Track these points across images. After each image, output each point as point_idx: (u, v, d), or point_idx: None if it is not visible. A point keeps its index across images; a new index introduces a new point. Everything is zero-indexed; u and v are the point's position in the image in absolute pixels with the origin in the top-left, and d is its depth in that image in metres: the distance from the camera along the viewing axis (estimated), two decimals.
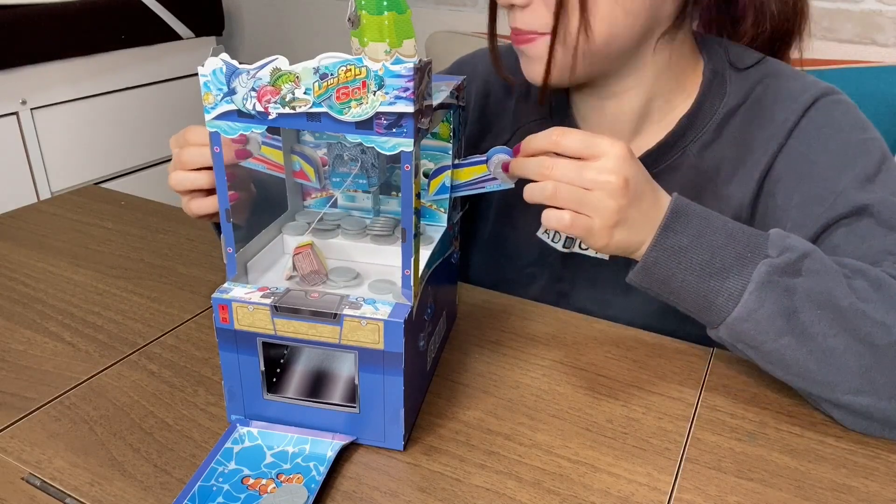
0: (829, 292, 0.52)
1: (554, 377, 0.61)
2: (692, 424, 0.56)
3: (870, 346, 0.51)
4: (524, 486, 0.49)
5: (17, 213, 0.92)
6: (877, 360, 0.51)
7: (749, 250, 0.53)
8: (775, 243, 0.54)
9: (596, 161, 0.53)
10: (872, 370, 0.51)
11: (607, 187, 0.53)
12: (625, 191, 0.53)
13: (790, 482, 0.50)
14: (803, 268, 0.52)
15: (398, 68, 0.42)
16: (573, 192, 0.53)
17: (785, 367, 0.54)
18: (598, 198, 0.53)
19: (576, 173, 0.53)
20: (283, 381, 0.53)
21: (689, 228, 0.54)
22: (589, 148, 0.54)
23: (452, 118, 0.58)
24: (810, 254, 0.53)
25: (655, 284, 0.56)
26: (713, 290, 0.54)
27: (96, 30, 1.69)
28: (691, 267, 0.54)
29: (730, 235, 0.54)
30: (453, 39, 1.64)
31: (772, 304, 0.52)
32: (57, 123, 1.68)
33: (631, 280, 0.57)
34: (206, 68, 0.44)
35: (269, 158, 0.61)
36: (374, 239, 0.58)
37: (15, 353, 0.62)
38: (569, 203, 0.54)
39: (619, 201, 0.53)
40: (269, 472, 0.49)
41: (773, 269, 0.52)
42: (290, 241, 0.59)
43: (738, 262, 0.53)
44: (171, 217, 0.92)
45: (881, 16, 1.34)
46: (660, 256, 0.55)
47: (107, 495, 0.47)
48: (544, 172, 0.54)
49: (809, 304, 0.52)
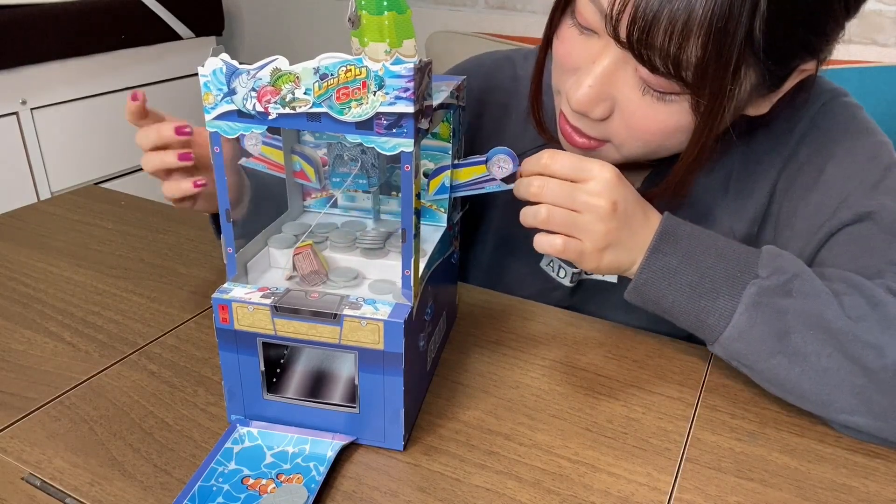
0: (820, 314, 0.52)
1: (554, 377, 0.61)
2: (692, 424, 0.56)
3: (863, 368, 0.51)
4: (524, 486, 0.49)
5: (17, 213, 0.92)
6: (870, 381, 0.51)
7: (739, 270, 0.54)
8: (766, 263, 0.54)
9: (585, 184, 0.54)
10: (867, 391, 0.51)
11: (597, 210, 0.54)
12: (613, 214, 0.54)
13: (790, 482, 0.50)
14: (794, 289, 0.52)
15: (398, 68, 0.42)
16: (565, 216, 0.55)
17: (780, 385, 0.54)
18: (588, 220, 0.54)
19: (567, 195, 0.54)
20: (283, 382, 0.53)
21: (679, 249, 0.55)
22: (578, 171, 0.55)
23: (452, 118, 0.58)
24: (801, 274, 0.53)
25: (649, 304, 0.57)
26: (704, 309, 0.54)
27: (96, 30, 1.69)
28: (681, 288, 0.55)
29: (720, 255, 0.54)
30: (453, 39, 1.64)
31: (763, 324, 0.52)
32: (57, 123, 1.68)
33: (626, 298, 0.58)
34: (206, 68, 0.44)
35: (269, 158, 0.61)
36: (364, 252, 0.57)
37: (15, 353, 0.62)
38: (561, 227, 0.55)
39: (608, 224, 0.54)
40: (269, 472, 0.49)
41: (762, 291, 0.53)
42: (276, 255, 0.57)
43: (729, 283, 0.54)
44: (171, 217, 0.92)
45: (881, 16, 1.34)
46: (650, 278, 0.56)
47: (107, 495, 0.47)
48: (535, 192, 0.55)
49: (801, 324, 0.52)
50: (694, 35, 0.49)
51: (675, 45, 0.50)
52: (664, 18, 0.49)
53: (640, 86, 0.55)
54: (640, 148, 0.59)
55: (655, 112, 0.56)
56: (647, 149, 0.59)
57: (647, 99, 0.55)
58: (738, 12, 0.48)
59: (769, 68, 0.54)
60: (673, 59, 0.51)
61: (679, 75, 0.51)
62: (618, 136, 0.59)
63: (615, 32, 0.53)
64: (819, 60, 0.57)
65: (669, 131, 0.57)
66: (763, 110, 0.60)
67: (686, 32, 0.49)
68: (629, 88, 0.56)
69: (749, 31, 0.49)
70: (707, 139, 0.55)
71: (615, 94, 0.57)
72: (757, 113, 0.61)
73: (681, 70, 0.51)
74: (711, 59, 0.50)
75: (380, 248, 0.57)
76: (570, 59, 0.59)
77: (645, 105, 0.56)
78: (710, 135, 0.55)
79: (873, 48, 1.37)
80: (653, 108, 0.56)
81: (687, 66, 0.51)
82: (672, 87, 0.53)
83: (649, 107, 0.56)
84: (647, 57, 0.52)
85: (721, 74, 0.51)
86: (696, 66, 0.51)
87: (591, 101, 0.56)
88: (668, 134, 0.57)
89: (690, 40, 0.49)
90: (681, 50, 0.50)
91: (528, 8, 1.77)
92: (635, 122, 0.57)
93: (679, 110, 0.55)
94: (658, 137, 0.58)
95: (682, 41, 0.50)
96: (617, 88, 0.56)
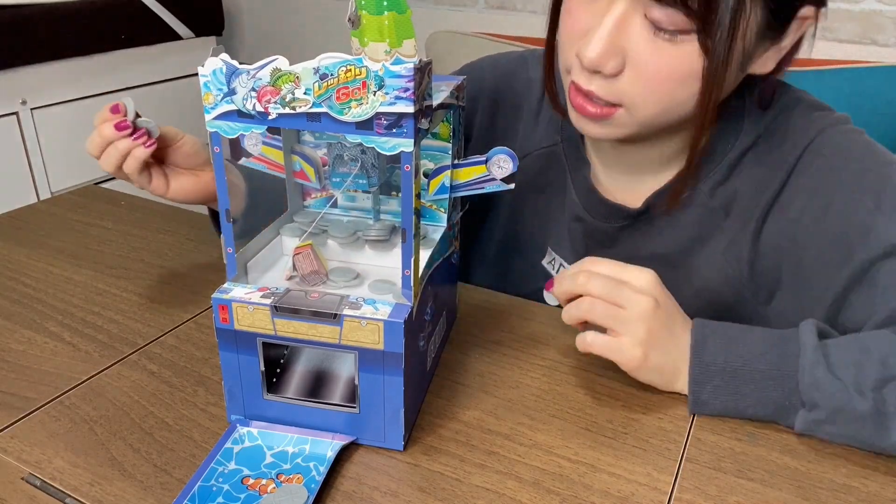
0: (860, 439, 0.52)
1: (554, 377, 0.61)
2: (692, 424, 0.56)
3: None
4: (524, 486, 0.49)
5: (17, 213, 0.92)
6: None
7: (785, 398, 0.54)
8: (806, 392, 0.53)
9: (629, 282, 0.56)
10: None
11: (640, 306, 0.55)
12: (655, 312, 0.55)
13: (790, 482, 0.50)
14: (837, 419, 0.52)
15: (398, 68, 0.42)
16: (607, 308, 0.56)
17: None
18: (631, 316, 0.55)
19: (612, 289, 0.56)
20: (283, 382, 0.53)
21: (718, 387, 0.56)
22: (620, 272, 0.56)
23: (452, 118, 0.58)
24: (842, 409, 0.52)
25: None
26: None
27: (96, 30, 1.69)
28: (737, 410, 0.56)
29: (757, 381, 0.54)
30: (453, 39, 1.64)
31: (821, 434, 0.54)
32: (57, 123, 1.67)
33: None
34: (206, 68, 0.44)
35: (269, 158, 0.61)
36: (370, 244, 0.58)
37: (15, 353, 0.62)
38: (603, 318, 0.56)
39: (650, 322, 0.55)
40: (269, 472, 0.49)
41: (810, 423, 0.53)
42: (288, 243, 0.58)
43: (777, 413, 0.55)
44: (171, 217, 0.92)
45: (881, 16, 1.34)
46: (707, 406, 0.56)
47: (107, 495, 0.47)
48: (581, 282, 0.57)
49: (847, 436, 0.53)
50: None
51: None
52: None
53: (650, 29, 0.56)
54: (653, 105, 0.59)
55: (667, 57, 0.56)
56: (660, 106, 0.59)
57: (657, 42, 0.56)
58: None
59: (772, 8, 0.55)
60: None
61: (685, 2, 0.52)
62: (630, 94, 0.58)
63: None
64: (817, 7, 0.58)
65: (681, 77, 0.57)
66: (768, 68, 0.61)
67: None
68: (639, 36, 0.56)
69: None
70: (717, 90, 0.56)
71: (626, 46, 0.57)
72: (762, 70, 0.61)
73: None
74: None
75: (386, 241, 0.57)
76: (580, 23, 0.59)
77: (657, 50, 0.56)
78: (720, 82, 0.55)
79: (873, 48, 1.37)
80: (664, 52, 0.56)
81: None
82: (681, 24, 0.54)
83: (661, 51, 0.56)
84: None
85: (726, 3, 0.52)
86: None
87: (605, 54, 0.56)
88: (680, 80, 0.57)
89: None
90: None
91: (528, 8, 1.77)
92: (647, 70, 0.57)
93: (690, 51, 0.55)
94: (670, 86, 0.57)
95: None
96: (628, 38, 0.56)
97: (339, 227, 0.60)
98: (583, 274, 0.57)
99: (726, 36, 0.53)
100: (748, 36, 0.56)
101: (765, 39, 0.58)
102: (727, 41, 0.53)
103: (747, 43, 0.56)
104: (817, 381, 0.52)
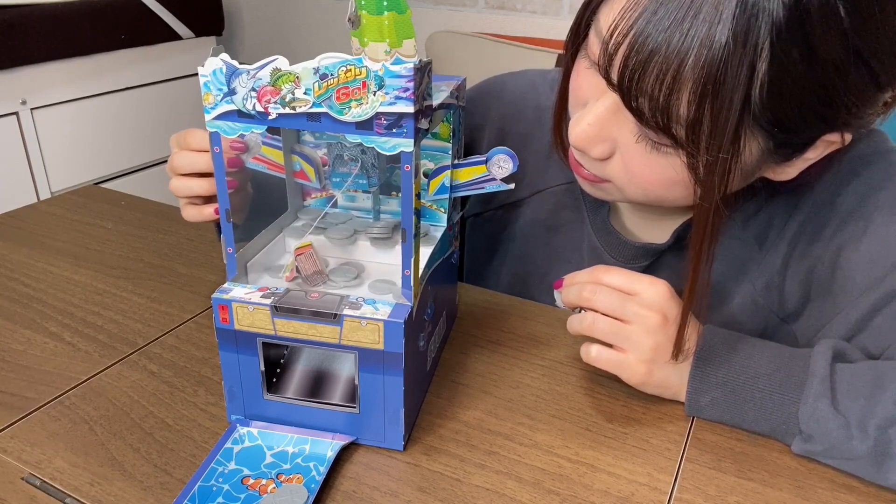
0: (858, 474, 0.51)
1: (554, 377, 0.61)
2: (692, 424, 0.56)
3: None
4: (524, 486, 0.49)
5: (17, 213, 0.92)
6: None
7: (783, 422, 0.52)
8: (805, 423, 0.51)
9: (637, 296, 0.54)
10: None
11: (646, 322, 0.53)
12: (663, 328, 0.53)
13: (790, 482, 0.50)
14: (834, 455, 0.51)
15: (398, 68, 0.42)
16: (611, 325, 0.54)
17: None
18: (636, 332, 0.54)
19: (618, 303, 0.54)
20: (283, 381, 0.53)
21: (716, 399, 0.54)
22: (630, 284, 0.54)
23: (452, 118, 0.58)
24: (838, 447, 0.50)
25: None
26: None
27: (96, 30, 1.69)
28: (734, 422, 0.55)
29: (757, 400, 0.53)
30: (453, 39, 1.64)
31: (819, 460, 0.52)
32: (57, 123, 1.68)
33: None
34: (206, 68, 0.44)
35: (269, 158, 0.61)
36: (372, 242, 0.58)
37: (15, 353, 0.62)
38: (606, 335, 0.55)
39: (656, 338, 0.54)
40: (269, 473, 0.49)
41: (807, 451, 0.52)
42: (290, 243, 0.59)
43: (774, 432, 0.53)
44: (171, 217, 0.92)
45: None
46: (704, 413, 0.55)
47: (107, 495, 0.47)
48: (587, 296, 0.55)
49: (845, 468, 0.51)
50: (686, 88, 0.46)
51: (664, 95, 0.46)
52: (655, 64, 0.46)
53: (636, 131, 0.53)
54: (640, 195, 0.57)
55: (651, 161, 0.53)
56: (648, 197, 0.57)
57: (641, 146, 0.53)
58: (735, 73, 0.44)
59: (778, 137, 0.49)
60: (662, 110, 0.47)
61: (668, 128, 0.48)
62: (618, 178, 0.57)
63: (607, 73, 0.50)
64: (843, 133, 0.51)
65: (667, 183, 0.54)
66: (788, 175, 0.55)
67: (677, 84, 0.46)
68: (628, 132, 0.53)
69: (747, 96, 0.45)
70: (713, 201, 0.49)
71: (616, 136, 0.54)
72: (781, 178, 0.56)
73: (671, 123, 0.48)
74: (706, 119, 0.46)
75: (388, 238, 0.57)
76: (580, 92, 0.57)
77: (641, 152, 0.53)
78: (713, 196, 0.49)
79: None
80: (649, 157, 0.53)
81: (678, 121, 0.47)
82: (665, 139, 0.50)
83: (646, 155, 0.53)
84: (637, 105, 0.49)
85: (717, 137, 0.46)
86: (688, 124, 0.47)
87: (589, 140, 0.54)
88: (666, 186, 0.54)
89: (682, 94, 0.46)
90: (670, 101, 0.47)
91: (527, 8, 1.77)
92: (633, 167, 0.54)
93: (677, 164, 0.52)
94: (657, 187, 0.55)
95: (672, 92, 0.46)
96: (619, 127, 0.54)
97: (340, 227, 0.60)
98: (589, 287, 0.55)
99: (717, 161, 0.47)
100: (750, 158, 0.51)
101: (774, 156, 0.52)
102: (719, 165, 0.47)
103: (748, 163, 0.51)
104: (817, 414, 0.50)
